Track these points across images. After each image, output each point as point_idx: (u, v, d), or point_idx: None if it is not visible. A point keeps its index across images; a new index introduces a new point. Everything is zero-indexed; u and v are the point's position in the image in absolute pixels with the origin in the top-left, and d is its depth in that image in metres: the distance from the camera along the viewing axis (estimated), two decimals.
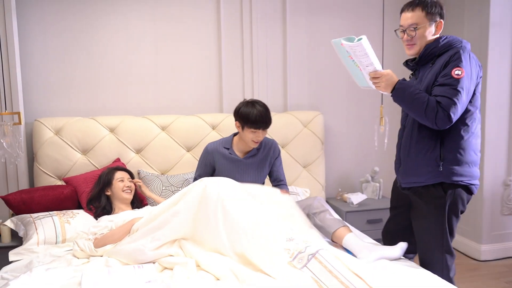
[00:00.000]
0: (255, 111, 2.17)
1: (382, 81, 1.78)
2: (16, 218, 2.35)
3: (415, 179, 1.86)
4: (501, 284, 2.74)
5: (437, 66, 1.78)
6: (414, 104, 1.74)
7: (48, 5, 2.75)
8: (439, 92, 1.71)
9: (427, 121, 1.73)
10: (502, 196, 3.14)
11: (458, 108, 1.69)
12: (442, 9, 1.86)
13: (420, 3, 1.82)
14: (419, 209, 1.91)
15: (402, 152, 1.93)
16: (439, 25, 1.84)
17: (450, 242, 1.88)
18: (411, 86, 1.77)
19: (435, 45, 1.82)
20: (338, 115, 3.29)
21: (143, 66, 2.93)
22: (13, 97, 2.62)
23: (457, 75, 1.70)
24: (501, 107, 3.06)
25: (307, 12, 3.16)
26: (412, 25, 1.82)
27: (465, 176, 1.80)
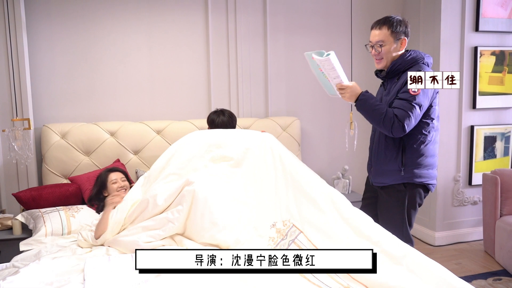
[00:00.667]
0: (219, 119, 2.23)
1: (347, 92, 1.83)
2: (26, 213, 2.34)
3: (382, 180, 1.95)
4: (452, 266, 2.83)
5: (401, 81, 1.82)
6: (374, 114, 1.79)
7: (55, 23, 2.74)
8: (397, 105, 1.77)
9: (384, 129, 1.79)
10: (452, 190, 3.24)
11: (411, 120, 1.76)
12: (407, 27, 1.86)
13: (387, 22, 1.83)
14: (383, 202, 1.98)
15: (373, 157, 2.00)
16: (403, 42, 1.86)
17: (409, 231, 1.93)
18: (372, 98, 1.82)
19: (400, 62, 1.84)
20: (313, 120, 3.34)
21: (140, 77, 2.95)
22: (23, 104, 2.61)
23: (413, 92, 1.74)
24: (451, 115, 3.16)
25: (285, 30, 3.21)
26: (379, 42, 1.85)
27: (423, 177, 1.88)
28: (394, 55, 1.86)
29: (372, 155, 2.00)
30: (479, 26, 3.09)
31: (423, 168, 1.87)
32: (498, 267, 2.79)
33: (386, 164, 1.90)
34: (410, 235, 1.94)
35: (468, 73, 3.15)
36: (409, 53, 1.86)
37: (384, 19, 1.85)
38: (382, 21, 1.84)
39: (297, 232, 1.72)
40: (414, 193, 1.89)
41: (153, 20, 2.93)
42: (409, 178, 1.87)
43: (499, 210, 2.89)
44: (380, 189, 1.97)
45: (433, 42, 3.13)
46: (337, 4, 3.29)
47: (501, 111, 3.26)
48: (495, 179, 2.87)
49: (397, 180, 1.89)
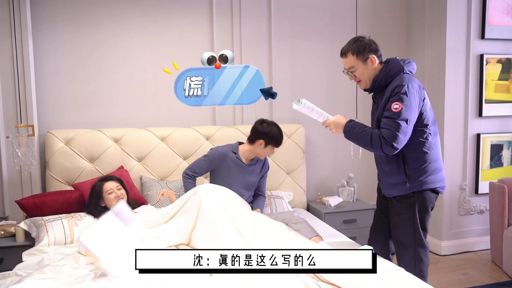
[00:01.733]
0: (280, 133, 2.33)
1: (331, 127, 1.89)
2: (29, 220, 2.33)
3: (391, 192, 1.96)
4: (459, 276, 2.80)
5: (384, 97, 1.81)
6: (361, 140, 1.81)
7: (60, 29, 2.75)
8: (384, 124, 1.77)
9: (375, 151, 1.82)
10: (459, 198, 3.21)
11: (399, 137, 1.73)
12: (371, 44, 1.85)
13: (349, 49, 1.85)
14: (394, 208, 1.96)
15: (379, 170, 2.02)
16: (373, 59, 1.84)
17: (422, 236, 1.91)
18: (356, 126, 1.84)
19: (381, 77, 1.84)
20: (317, 127, 3.29)
21: (144, 83, 2.95)
22: (28, 111, 2.60)
23: (395, 109, 1.73)
24: (456, 123, 3.14)
25: (290, 36, 3.21)
26: (350, 68, 1.88)
27: (430, 183, 1.87)
28: (371, 75, 1.86)
29: (378, 170, 2.03)
30: (485, 34, 3.08)
31: (429, 175, 1.86)
32: (506, 277, 2.75)
33: (390, 178, 1.92)
34: (423, 241, 1.92)
35: (474, 80, 3.13)
36: (385, 67, 1.85)
37: (347, 46, 1.87)
38: (345, 49, 1.87)
39: None
40: (424, 197, 1.88)
41: (158, 25, 2.93)
42: (416, 187, 1.87)
43: (507, 220, 2.85)
44: (392, 198, 1.98)
45: (439, 50, 3.12)
46: (342, 10, 3.29)
47: (508, 119, 3.24)
48: (503, 188, 2.84)
49: (405, 191, 1.89)
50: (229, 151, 2.39)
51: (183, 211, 1.95)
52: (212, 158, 2.39)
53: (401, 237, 1.95)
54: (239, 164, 2.38)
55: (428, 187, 1.87)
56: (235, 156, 2.38)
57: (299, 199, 3.10)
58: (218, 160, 2.37)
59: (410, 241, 1.92)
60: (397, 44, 3.46)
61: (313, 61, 3.27)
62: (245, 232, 1.85)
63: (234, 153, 2.38)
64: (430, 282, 2.41)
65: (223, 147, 2.43)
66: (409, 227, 1.90)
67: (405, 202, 1.90)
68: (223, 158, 2.37)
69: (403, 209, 1.91)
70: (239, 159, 2.38)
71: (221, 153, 2.38)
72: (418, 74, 3.36)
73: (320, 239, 2.02)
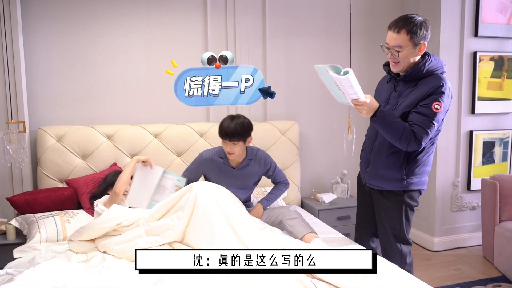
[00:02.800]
0: (227, 124, 2.12)
1: (364, 108, 1.71)
2: (20, 217, 2.31)
3: (381, 184, 1.93)
4: (451, 271, 2.83)
5: (420, 91, 1.73)
6: (391, 130, 1.73)
7: (52, 23, 2.71)
8: (416, 121, 1.71)
9: (399, 145, 1.75)
10: (451, 195, 3.24)
11: (429, 137, 1.74)
12: (428, 30, 1.74)
13: (406, 25, 1.70)
14: (381, 204, 1.96)
15: (372, 158, 1.94)
16: (422, 47, 1.75)
17: (405, 233, 1.93)
18: (390, 114, 1.74)
19: (419, 69, 1.75)
20: (311, 124, 3.33)
21: (138, 79, 2.92)
22: (18, 107, 2.57)
23: (436, 109, 1.70)
24: (449, 120, 3.16)
25: (284, 33, 3.20)
26: (396, 46, 1.73)
27: (419, 185, 1.92)
28: (412, 62, 1.76)
29: (372, 156, 1.95)
30: (478, 32, 3.10)
31: (419, 177, 1.90)
32: (497, 273, 2.78)
33: (386, 170, 1.89)
34: (406, 237, 1.95)
35: (467, 78, 3.15)
36: (429, 60, 1.77)
37: (404, 20, 1.72)
38: (401, 24, 1.71)
39: None
40: (412, 197, 1.91)
41: (152, 21, 2.90)
42: (407, 186, 1.88)
43: (498, 216, 2.89)
44: (377, 192, 1.96)
45: (432, 47, 3.13)
46: (337, 8, 3.29)
47: (500, 116, 3.27)
48: (494, 185, 2.87)
49: (397, 187, 1.89)
50: (215, 156, 2.26)
51: (177, 207, 1.94)
52: (198, 165, 2.31)
53: (387, 232, 1.96)
54: (226, 169, 2.26)
55: (417, 188, 1.90)
56: (222, 162, 2.25)
57: (293, 195, 3.11)
58: (204, 167, 2.29)
59: (395, 236, 1.94)
60: None
61: (308, 59, 3.27)
62: (240, 231, 1.84)
63: (221, 158, 2.25)
64: (422, 278, 2.43)
65: (210, 151, 2.31)
66: (397, 224, 1.92)
67: (394, 199, 1.91)
68: (208, 164, 2.27)
69: (391, 206, 1.92)
70: (227, 164, 2.25)
71: (205, 160, 2.27)
72: None
73: (315, 235, 2.02)
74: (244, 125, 2.14)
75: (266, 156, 2.35)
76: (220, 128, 2.15)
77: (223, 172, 2.27)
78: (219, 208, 1.90)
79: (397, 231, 1.93)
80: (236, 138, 2.13)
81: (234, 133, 2.11)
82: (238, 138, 2.13)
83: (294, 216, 2.11)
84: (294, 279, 1.56)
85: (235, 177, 2.28)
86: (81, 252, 1.94)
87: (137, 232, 1.89)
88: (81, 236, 1.92)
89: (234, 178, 2.28)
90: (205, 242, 1.81)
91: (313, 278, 1.58)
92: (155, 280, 1.59)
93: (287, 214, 2.14)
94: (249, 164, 2.29)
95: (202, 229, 1.83)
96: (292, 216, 2.11)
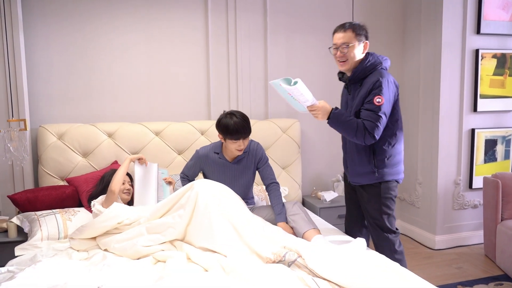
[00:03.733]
0: (233, 122, 2.07)
1: (318, 112, 1.90)
2: (22, 215, 2.31)
3: (359, 180, 2.08)
4: (452, 270, 2.82)
5: (364, 90, 1.92)
6: (346, 128, 1.91)
7: (52, 22, 2.71)
8: (365, 116, 1.89)
9: (357, 140, 1.92)
10: (453, 193, 3.23)
11: (380, 129, 1.89)
12: (367, 32, 1.99)
13: (350, 25, 1.94)
14: (362, 197, 2.10)
15: (348, 159, 2.12)
16: (365, 45, 1.96)
17: (388, 223, 2.03)
18: (343, 114, 1.93)
19: (361, 69, 1.94)
20: (313, 122, 3.31)
21: (139, 78, 2.92)
22: (19, 105, 2.57)
23: (377, 103, 1.86)
24: (451, 118, 3.15)
25: (285, 30, 3.19)
26: (344, 43, 1.93)
27: (393, 175, 2.03)
28: (358, 59, 1.95)
29: (347, 158, 2.13)
30: (480, 29, 3.08)
31: (392, 167, 2.02)
32: (499, 271, 2.78)
33: (360, 166, 2.03)
34: (390, 226, 2.04)
35: (469, 75, 3.14)
36: (368, 58, 1.96)
37: (348, 23, 1.97)
38: (346, 25, 1.95)
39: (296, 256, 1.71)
40: (388, 187, 2.03)
41: (152, 19, 2.90)
42: (381, 177, 2.01)
43: (500, 214, 2.88)
44: (359, 187, 2.11)
45: (435, 45, 3.12)
46: (338, 5, 3.28)
47: (502, 114, 3.26)
48: (496, 183, 2.86)
49: (372, 180, 2.02)
50: (211, 152, 2.26)
51: (178, 206, 1.93)
52: (195, 161, 2.30)
53: (372, 224, 2.07)
54: (222, 163, 2.24)
55: (393, 178, 2.02)
56: (217, 157, 2.24)
57: (294, 194, 3.10)
58: (201, 162, 2.28)
59: (379, 225, 2.04)
60: (393, 39, 3.45)
61: (309, 56, 3.26)
62: (242, 230, 1.83)
63: (216, 153, 2.25)
64: (424, 276, 2.43)
65: (205, 148, 2.30)
66: (377, 213, 2.04)
67: (372, 191, 2.03)
68: (204, 160, 2.26)
69: (370, 198, 2.05)
70: (223, 159, 2.24)
71: (201, 155, 2.26)
72: (415, 68, 3.37)
73: (318, 231, 2.02)
74: (246, 118, 2.15)
75: (257, 145, 2.32)
76: (226, 129, 2.09)
77: (220, 167, 2.26)
78: (221, 206, 1.89)
79: (380, 221, 2.04)
80: (248, 133, 2.14)
81: (247, 129, 2.12)
82: (249, 133, 2.14)
83: (297, 211, 2.12)
84: (296, 277, 1.56)
85: (232, 170, 2.27)
86: (82, 250, 1.94)
87: (138, 230, 1.89)
88: (82, 234, 1.93)
89: (231, 172, 2.27)
90: (205, 241, 1.80)
91: (315, 276, 1.58)
92: (156, 278, 1.59)
93: (290, 209, 2.14)
94: (244, 157, 2.28)
95: (203, 227, 1.82)
96: (295, 212, 2.11)
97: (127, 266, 1.71)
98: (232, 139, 2.11)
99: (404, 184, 3.54)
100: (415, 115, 3.38)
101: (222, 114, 2.18)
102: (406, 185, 3.52)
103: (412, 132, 3.43)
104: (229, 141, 2.13)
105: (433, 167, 3.21)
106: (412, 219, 3.46)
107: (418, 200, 3.39)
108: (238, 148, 2.15)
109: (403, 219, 3.59)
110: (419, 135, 3.35)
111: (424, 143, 3.31)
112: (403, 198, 3.57)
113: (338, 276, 1.52)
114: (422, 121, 3.31)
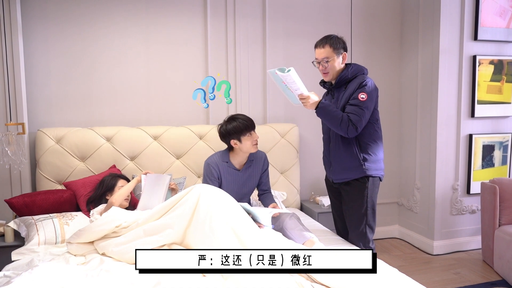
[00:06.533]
0: (240, 120, 2.23)
1: (307, 101, 2.06)
2: (19, 219, 2.30)
3: (346, 175, 2.17)
4: (450, 275, 2.82)
5: (349, 90, 2.10)
6: (332, 118, 2.06)
7: (51, 27, 2.72)
8: (350, 110, 2.05)
9: (341, 131, 2.06)
10: (451, 198, 3.24)
11: (362, 123, 2.05)
12: (345, 43, 2.16)
13: (328, 41, 2.12)
14: (347, 194, 2.19)
15: (332, 157, 2.22)
16: (344, 56, 2.15)
17: (369, 218, 2.16)
18: (330, 105, 2.08)
19: (346, 73, 2.13)
20: (311, 127, 3.33)
21: (137, 82, 2.92)
22: (18, 109, 2.57)
23: (362, 98, 2.04)
24: (449, 123, 3.17)
25: (284, 36, 3.21)
26: (324, 58, 2.12)
27: (377, 170, 2.17)
28: (338, 69, 2.14)
29: (332, 156, 2.22)
30: (477, 35, 3.11)
31: (376, 163, 2.15)
32: (497, 277, 2.78)
33: (348, 161, 2.14)
34: (371, 223, 2.17)
35: (466, 81, 3.16)
36: (351, 66, 2.16)
37: (326, 38, 2.14)
38: (324, 41, 2.13)
39: None
40: (373, 183, 2.16)
41: (151, 23, 2.91)
42: (367, 171, 2.13)
43: (498, 220, 2.89)
44: (343, 184, 2.20)
45: (432, 51, 3.14)
46: (337, 11, 3.30)
47: (500, 119, 3.28)
48: (494, 188, 2.87)
49: (359, 174, 2.13)
50: (220, 161, 2.29)
51: (178, 206, 1.90)
52: (210, 170, 2.29)
53: (353, 219, 2.18)
54: (232, 172, 2.30)
55: (377, 174, 2.16)
56: (227, 165, 2.29)
57: (292, 198, 3.11)
58: (218, 170, 2.28)
59: (361, 221, 2.16)
60: (391, 45, 3.48)
61: (308, 61, 3.25)
62: (243, 235, 1.81)
63: (225, 162, 2.30)
64: (422, 282, 2.43)
65: (212, 157, 2.32)
66: (362, 210, 2.14)
67: (358, 188, 2.14)
68: (217, 168, 2.28)
69: (356, 195, 2.15)
70: (232, 167, 2.30)
71: (214, 165, 2.28)
72: (412, 74, 3.39)
73: (313, 243, 2.01)
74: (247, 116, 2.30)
75: (264, 155, 2.45)
76: (238, 128, 2.21)
77: (230, 176, 2.31)
78: (223, 211, 1.87)
79: (362, 217, 2.15)
80: (255, 125, 2.28)
81: (252, 121, 2.28)
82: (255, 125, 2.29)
83: (292, 226, 2.12)
84: (294, 282, 1.55)
85: (240, 178, 2.32)
86: (80, 255, 1.93)
87: (136, 233, 1.88)
88: (80, 238, 1.92)
89: (240, 179, 2.33)
90: (205, 245, 1.79)
91: (313, 282, 1.57)
92: (154, 282, 1.58)
93: (287, 222, 2.15)
94: (251, 165, 2.36)
95: (203, 231, 1.79)
96: (291, 227, 2.12)
97: (124, 270, 1.70)
98: (246, 135, 2.22)
99: (402, 189, 3.54)
100: (413, 121, 3.40)
101: (222, 123, 2.28)
102: (404, 190, 3.52)
103: (410, 138, 3.44)
104: (244, 138, 2.22)
105: (431, 173, 3.22)
106: (410, 224, 3.47)
107: (416, 205, 3.40)
108: (254, 142, 2.26)
109: (401, 224, 3.59)
110: (417, 141, 3.36)
111: (422, 149, 3.32)
112: (401, 203, 3.58)
113: (336, 281, 1.52)
114: (420, 126, 3.32)
